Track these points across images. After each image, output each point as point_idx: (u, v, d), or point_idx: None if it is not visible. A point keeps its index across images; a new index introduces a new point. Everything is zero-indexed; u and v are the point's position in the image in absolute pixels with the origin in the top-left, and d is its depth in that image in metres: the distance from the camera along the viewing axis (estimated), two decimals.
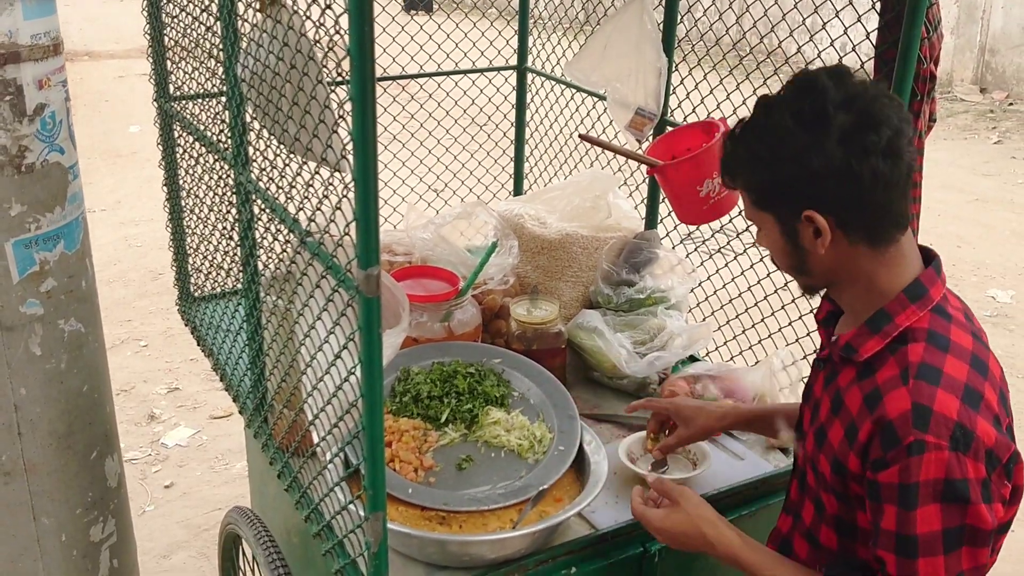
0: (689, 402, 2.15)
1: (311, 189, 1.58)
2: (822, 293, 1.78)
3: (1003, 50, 10.78)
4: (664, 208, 2.81)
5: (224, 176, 2.24)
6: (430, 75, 3.29)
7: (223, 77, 2.02)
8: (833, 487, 1.61)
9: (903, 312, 1.55)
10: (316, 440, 1.78)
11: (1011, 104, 10.56)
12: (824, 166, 1.47)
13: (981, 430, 1.43)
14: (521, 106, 3.39)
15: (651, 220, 2.88)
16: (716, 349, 2.80)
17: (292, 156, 1.71)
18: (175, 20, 2.48)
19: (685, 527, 1.72)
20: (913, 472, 1.42)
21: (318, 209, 1.55)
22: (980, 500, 1.41)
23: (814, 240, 1.54)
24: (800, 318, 2.51)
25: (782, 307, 2.57)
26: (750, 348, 2.72)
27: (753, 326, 2.69)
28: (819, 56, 2.36)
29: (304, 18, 1.53)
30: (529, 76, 3.36)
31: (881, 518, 1.47)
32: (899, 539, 1.45)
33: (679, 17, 2.68)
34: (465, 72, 3.32)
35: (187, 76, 2.48)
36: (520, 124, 3.40)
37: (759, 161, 1.54)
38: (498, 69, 3.36)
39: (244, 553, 2.66)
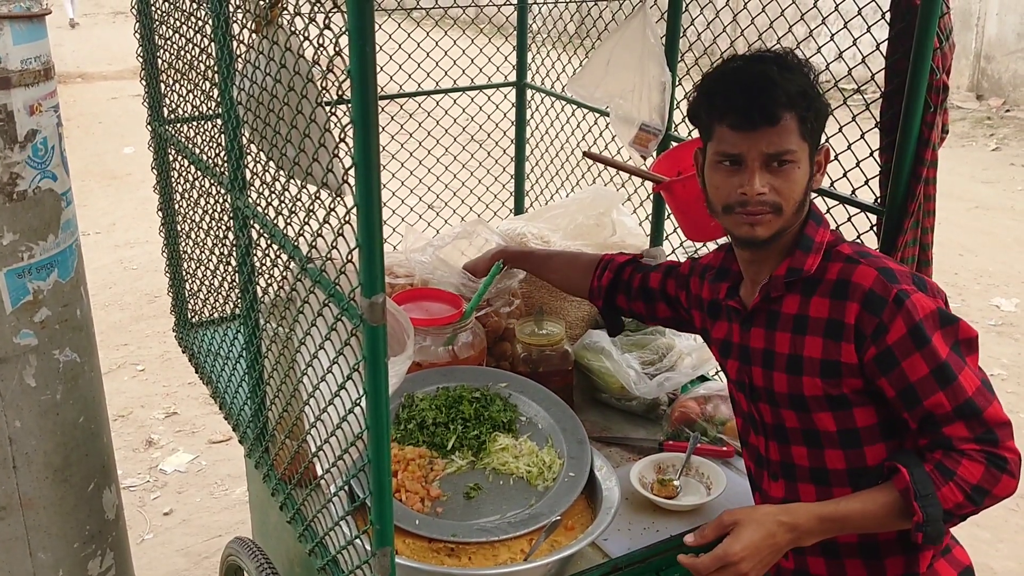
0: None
1: (312, 214, 1.53)
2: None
3: (998, 56, 10.77)
4: (669, 224, 2.77)
5: (221, 200, 2.19)
6: (428, 93, 3.25)
7: (218, 100, 1.97)
8: (828, 398, 1.70)
9: (817, 231, 1.76)
10: (320, 472, 1.73)
11: (1008, 111, 10.54)
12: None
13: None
14: (521, 123, 3.35)
15: (656, 237, 2.83)
16: None
17: (291, 180, 1.66)
18: (168, 42, 2.43)
19: (763, 531, 1.63)
20: (912, 314, 1.62)
21: (319, 235, 1.50)
22: (959, 317, 1.65)
23: (817, 175, 1.76)
24: None
25: None
26: None
27: None
28: (827, 68, 2.31)
29: (302, 38, 1.48)
30: (528, 92, 3.31)
31: (910, 374, 1.62)
32: (935, 373, 1.61)
33: (682, 30, 2.63)
34: (464, 89, 3.27)
35: (182, 99, 2.43)
36: (520, 141, 3.36)
37: (815, 92, 1.70)
38: (497, 86, 3.32)
39: None
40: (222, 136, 2.02)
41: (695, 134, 2.64)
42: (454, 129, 3.31)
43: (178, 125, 2.52)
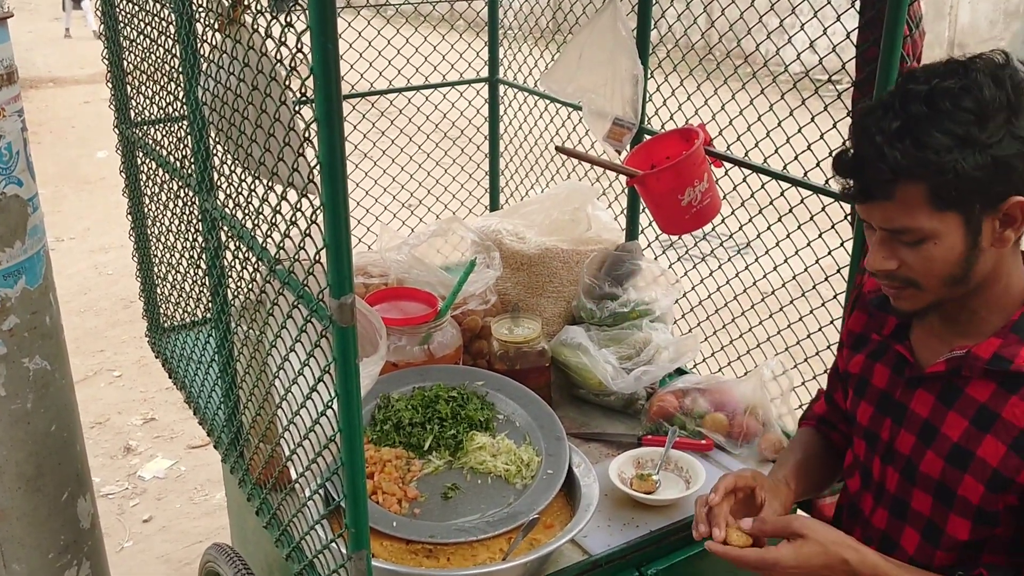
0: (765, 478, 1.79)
1: (279, 214, 1.51)
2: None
3: (971, 44, 10.83)
4: (645, 218, 2.75)
5: (189, 203, 2.16)
6: (400, 90, 3.22)
7: (184, 100, 1.94)
8: (980, 511, 1.50)
9: None
10: (294, 476, 1.71)
11: None
12: None
13: None
14: (494, 119, 3.33)
15: (632, 231, 2.82)
16: (704, 361, 2.74)
17: (258, 180, 1.63)
18: (133, 44, 2.40)
19: (824, 559, 1.52)
20: None
21: (287, 235, 1.48)
22: None
23: (999, 235, 1.42)
24: (789, 326, 2.46)
25: (770, 315, 2.51)
26: (739, 359, 2.66)
27: (741, 336, 2.63)
28: (798, 58, 2.31)
29: (265, 37, 1.46)
30: (501, 88, 3.29)
31: None
32: None
33: (653, 23, 2.62)
34: (436, 86, 3.25)
35: (148, 101, 2.40)
36: (494, 137, 3.34)
37: (969, 143, 1.34)
38: (469, 82, 3.30)
39: None
40: (189, 138, 1.99)
41: (668, 127, 2.64)
42: (427, 126, 3.28)
43: (145, 127, 2.49)
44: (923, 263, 1.43)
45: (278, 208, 1.51)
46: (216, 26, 1.72)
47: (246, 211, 1.68)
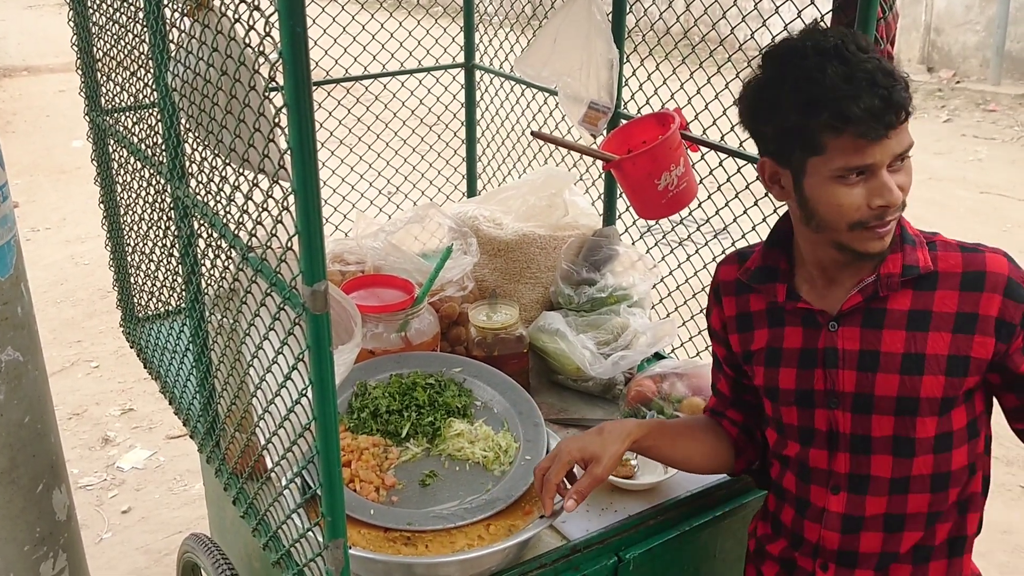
0: (587, 439, 1.84)
1: (251, 201, 1.49)
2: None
3: (948, 29, 10.87)
4: (622, 203, 2.75)
5: (161, 191, 2.14)
6: (375, 76, 3.20)
7: (154, 87, 1.92)
8: (944, 399, 1.61)
9: (907, 224, 1.66)
10: (270, 465, 1.70)
11: (958, 82, 10.64)
12: None
13: None
14: (471, 105, 3.31)
15: (609, 216, 2.81)
16: (682, 345, 2.74)
17: (229, 166, 1.62)
18: (103, 30, 2.37)
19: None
20: None
21: (259, 222, 1.46)
22: None
23: None
24: None
25: None
26: None
27: None
28: (773, 41, 2.30)
29: (233, 21, 1.44)
30: (478, 73, 3.28)
31: None
32: None
33: (628, 7, 2.61)
34: (411, 72, 3.23)
35: (119, 88, 2.37)
36: (471, 123, 3.32)
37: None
38: (445, 67, 3.28)
39: None
40: (159, 125, 1.97)
41: (644, 111, 2.63)
42: (403, 113, 3.26)
43: (116, 115, 2.46)
44: (909, 179, 1.55)
45: (250, 195, 1.49)
46: (185, 11, 1.70)
47: (218, 198, 1.66)
